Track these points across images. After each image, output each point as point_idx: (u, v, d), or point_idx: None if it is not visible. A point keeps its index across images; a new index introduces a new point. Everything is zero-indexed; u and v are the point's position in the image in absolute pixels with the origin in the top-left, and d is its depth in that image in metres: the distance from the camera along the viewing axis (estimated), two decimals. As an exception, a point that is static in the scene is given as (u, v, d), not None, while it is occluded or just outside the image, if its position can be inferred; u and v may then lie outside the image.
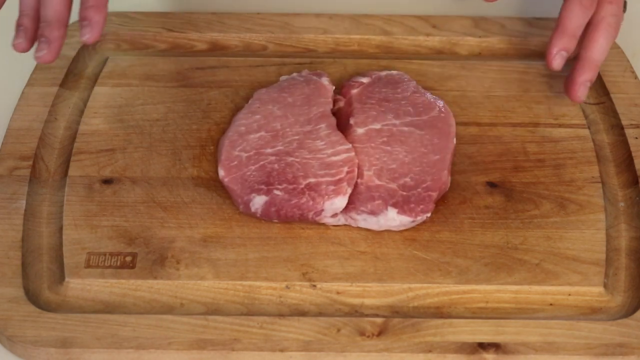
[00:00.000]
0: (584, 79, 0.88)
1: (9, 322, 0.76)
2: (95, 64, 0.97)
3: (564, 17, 0.87)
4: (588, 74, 0.88)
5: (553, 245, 0.81)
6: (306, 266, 0.80)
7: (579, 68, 0.88)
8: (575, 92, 0.88)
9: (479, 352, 0.75)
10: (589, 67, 0.88)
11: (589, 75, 0.88)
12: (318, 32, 1.00)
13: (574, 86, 0.88)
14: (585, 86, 0.88)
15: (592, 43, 0.87)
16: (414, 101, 0.88)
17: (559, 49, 0.87)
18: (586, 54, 0.87)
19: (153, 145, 0.89)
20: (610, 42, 0.88)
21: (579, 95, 0.88)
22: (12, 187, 0.85)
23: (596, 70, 0.88)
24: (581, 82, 0.88)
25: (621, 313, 0.78)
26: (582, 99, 0.88)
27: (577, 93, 0.88)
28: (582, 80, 0.88)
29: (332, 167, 0.82)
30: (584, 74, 0.88)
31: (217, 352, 0.75)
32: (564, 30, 0.87)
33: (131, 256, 0.80)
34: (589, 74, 0.88)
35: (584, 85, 0.88)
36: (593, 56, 0.87)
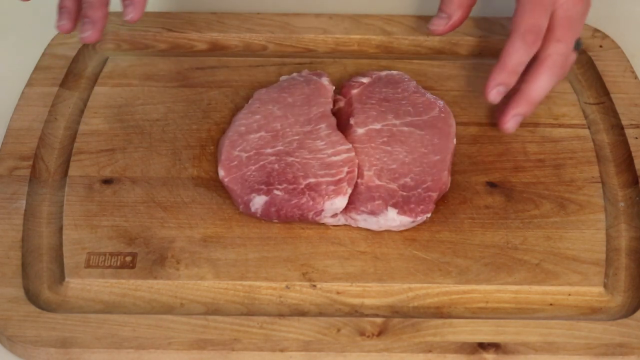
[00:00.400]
0: (517, 112, 0.86)
1: (9, 322, 0.76)
2: (95, 64, 0.97)
3: (505, 53, 0.84)
4: (522, 108, 0.86)
5: (553, 245, 0.81)
6: (306, 266, 0.80)
7: (514, 100, 0.86)
8: (504, 123, 0.86)
9: (479, 352, 0.75)
10: (525, 102, 0.86)
11: (522, 109, 0.86)
12: (318, 32, 1.00)
13: (505, 117, 0.86)
14: (516, 120, 0.86)
15: (533, 79, 0.85)
16: (414, 101, 0.88)
17: (497, 83, 0.84)
18: (525, 89, 0.85)
19: (153, 145, 0.89)
20: (553, 80, 0.85)
21: (507, 127, 0.86)
22: (12, 187, 0.85)
23: (532, 106, 0.86)
24: (513, 114, 0.86)
25: (621, 313, 0.78)
26: (510, 131, 0.87)
27: (507, 125, 0.86)
28: (514, 113, 0.86)
29: (332, 167, 0.82)
30: (518, 108, 0.86)
31: (217, 352, 0.75)
32: (504, 65, 0.84)
33: (131, 256, 0.80)
34: (523, 109, 0.86)
35: (515, 118, 0.86)
36: (531, 92, 0.85)
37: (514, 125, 0.86)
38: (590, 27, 1.00)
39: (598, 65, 0.96)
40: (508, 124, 0.86)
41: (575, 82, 0.95)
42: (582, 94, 0.94)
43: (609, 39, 0.99)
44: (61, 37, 0.98)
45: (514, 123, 0.86)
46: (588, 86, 0.95)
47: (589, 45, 0.98)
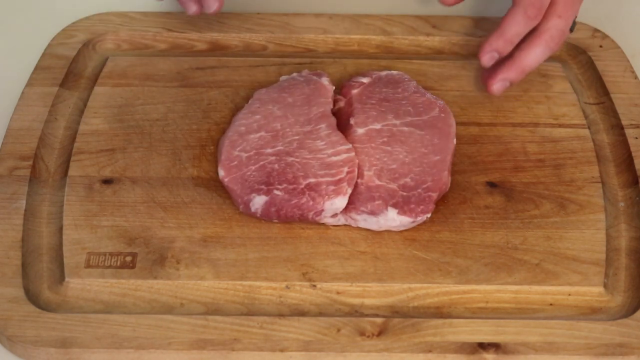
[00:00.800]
0: (505, 76, 0.88)
1: (9, 322, 0.76)
2: (95, 64, 0.97)
3: (505, 22, 0.86)
4: (512, 73, 0.87)
5: (553, 245, 0.81)
6: (306, 266, 0.80)
7: (506, 66, 0.88)
8: (491, 84, 0.88)
9: (479, 352, 0.75)
10: (516, 68, 0.87)
11: (512, 75, 0.87)
12: (318, 32, 1.00)
13: (493, 79, 0.88)
14: (503, 83, 0.88)
15: (529, 48, 0.87)
16: (414, 101, 0.88)
17: (492, 49, 0.86)
18: (518, 56, 0.87)
19: (153, 145, 0.89)
20: (546, 54, 0.87)
21: (493, 89, 0.88)
22: (12, 187, 0.85)
23: (522, 74, 0.87)
24: (502, 78, 0.88)
25: (621, 313, 0.78)
26: (497, 93, 0.89)
27: (493, 87, 0.88)
28: (503, 77, 0.88)
29: (332, 167, 0.82)
30: (508, 73, 0.87)
31: (217, 352, 0.75)
32: (502, 33, 0.86)
33: (131, 256, 0.80)
34: (513, 74, 0.87)
35: (503, 82, 0.88)
36: (523, 61, 0.87)
37: (500, 89, 0.88)
38: (590, 27, 1.00)
39: (598, 65, 0.96)
40: (495, 85, 0.88)
41: (575, 82, 0.96)
42: (582, 94, 0.94)
43: (609, 39, 0.99)
44: (61, 37, 0.98)
45: (500, 86, 0.88)
46: (588, 86, 0.95)
47: (589, 45, 0.98)
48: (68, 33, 0.99)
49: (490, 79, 0.88)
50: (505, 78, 0.88)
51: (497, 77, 0.88)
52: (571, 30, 0.88)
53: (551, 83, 0.95)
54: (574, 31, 0.89)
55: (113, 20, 1.00)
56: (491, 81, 0.88)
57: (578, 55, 0.98)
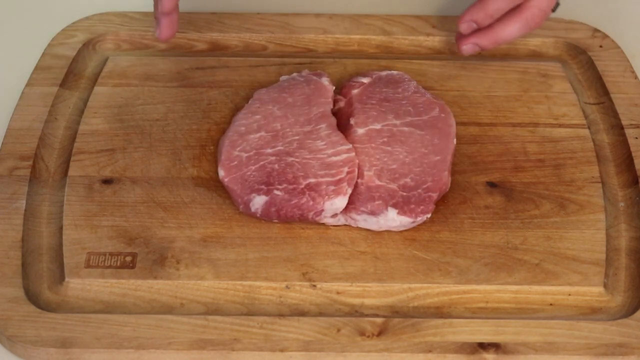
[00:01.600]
0: (478, 41, 0.90)
1: (9, 322, 0.76)
2: (95, 64, 0.97)
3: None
4: (485, 41, 0.90)
5: (553, 245, 0.81)
6: (306, 266, 0.80)
7: (482, 32, 0.90)
8: (462, 44, 0.91)
9: (479, 352, 0.75)
10: (489, 37, 0.89)
11: (485, 42, 0.90)
12: (318, 32, 1.00)
13: (466, 40, 0.90)
14: (473, 47, 0.91)
15: (507, 22, 0.88)
16: (415, 101, 0.88)
17: (472, 19, 0.89)
18: (496, 27, 0.89)
19: (153, 145, 0.89)
20: (523, 31, 0.89)
21: (463, 49, 0.91)
22: (12, 187, 0.85)
23: (494, 44, 0.90)
24: (474, 42, 0.90)
25: (621, 313, 0.78)
26: (465, 54, 0.91)
27: (463, 47, 0.91)
28: (475, 41, 0.90)
29: (333, 167, 0.82)
30: (482, 39, 0.90)
31: (217, 352, 0.75)
32: (483, 6, 0.88)
33: (131, 256, 0.80)
34: (486, 42, 0.90)
35: (474, 46, 0.90)
36: (500, 32, 0.89)
37: (470, 50, 0.91)
38: (590, 27, 1.00)
39: (598, 65, 0.96)
40: (465, 46, 0.91)
41: (575, 82, 0.96)
42: (582, 94, 0.94)
43: (609, 39, 0.99)
44: (61, 37, 0.98)
45: (470, 48, 0.91)
46: (588, 86, 0.95)
47: (589, 45, 0.98)
48: (68, 33, 0.99)
49: (463, 40, 0.91)
50: (477, 43, 0.90)
51: (470, 39, 0.90)
52: (553, 10, 0.89)
53: (551, 83, 0.95)
54: (555, 11, 0.90)
55: (113, 20, 1.00)
56: (463, 42, 0.91)
57: (578, 55, 0.98)
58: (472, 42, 0.90)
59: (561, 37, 0.99)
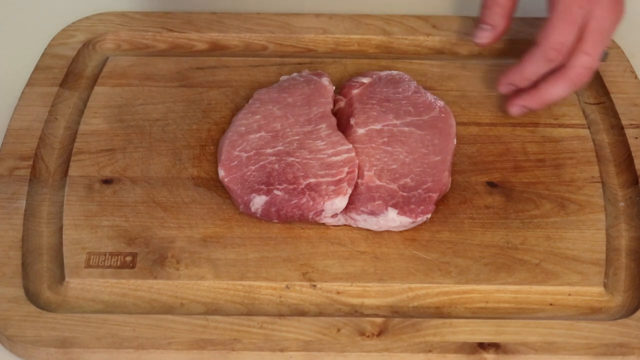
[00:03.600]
0: (525, 104, 0.90)
1: (9, 322, 0.76)
2: (95, 64, 0.97)
3: (526, 60, 0.87)
4: (532, 103, 0.89)
5: (553, 245, 0.81)
6: (306, 266, 0.80)
7: (528, 94, 0.89)
8: (511, 106, 0.90)
9: (479, 352, 0.75)
10: (537, 99, 0.89)
11: (531, 104, 0.89)
12: (318, 32, 1.00)
13: (514, 102, 0.90)
14: (522, 109, 0.90)
15: (553, 83, 0.87)
16: (415, 101, 0.88)
17: (510, 82, 0.89)
18: (542, 88, 0.88)
19: (153, 145, 0.89)
20: (570, 90, 0.88)
21: (512, 110, 0.90)
22: (12, 187, 0.85)
23: (542, 105, 0.89)
24: (521, 104, 0.90)
25: (621, 313, 0.78)
26: (514, 114, 0.90)
27: (512, 109, 0.90)
28: (522, 104, 0.90)
29: (333, 168, 0.82)
30: (529, 101, 0.89)
31: (217, 352, 0.75)
32: (521, 71, 0.88)
33: (131, 256, 0.80)
34: (532, 104, 0.89)
35: (522, 108, 0.90)
36: (545, 94, 0.88)
37: (518, 112, 0.90)
38: (590, 27, 1.00)
39: (598, 65, 0.96)
40: (514, 108, 0.90)
41: (575, 82, 0.95)
42: (582, 94, 0.94)
43: (609, 39, 0.99)
44: (61, 37, 0.98)
45: (518, 110, 0.90)
46: (588, 86, 0.95)
47: (589, 45, 0.98)
48: (68, 33, 0.99)
49: (511, 102, 0.90)
50: (525, 105, 0.90)
51: (517, 102, 0.90)
52: (603, 60, 0.88)
53: (551, 83, 0.95)
54: (606, 60, 0.89)
55: (113, 20, 1.00)
56: (511, 104, 0.90)
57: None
58: (520, 105, 0.90)
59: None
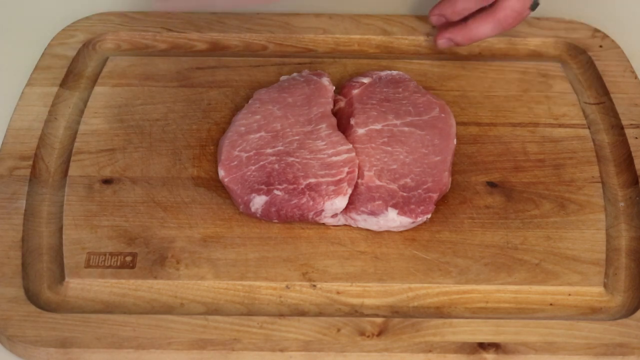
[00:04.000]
0: (452, 37, 0.93)
1: (9, 322, 0.76)
2: (95, 64, 0.97)
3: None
4: (458, 37, 0.93)
5: (553, 245, 0.81)
6: (306, 266, 0.80)
7: (456, 28, 0.93)
8: (438, 39, 0.95)
9: (479, 352, 0.75)
10: (463, 34, 0.93)
11: (458, 38, 0.93)
12: (318, 32, 1.00)
13: (442, 35, 0.94)
14: (448, 42, 0.94)
15: (481, 21, 0.91)
16: (415, 101, 0.88)
17: (440, 13, 0.93)
18: (470, 25, 0.92)
19: (153, 145, 0.89)
20: (497, 31, 0.91)
21: (438, 43, 0.95)
22: (12, 187, 0.85)
23: (468, 41, 0.93)
24: (449, 37, 0.94)
25: (621, 313, 0.78)
26: (440, 47, 0.95)
27: (439, 41, 0.95)
28: (450, 37, 0.94)
29: (333, 168, 0.82)
30: (456, 35, 0.93)
31: (217, 352, 0.75)
32: (453, 5, 0.92)
33: (131, 256, 0.80)
34: (459, 38, 0.93)
35: (448, 41, 0.94)
36: (473, 30, 0.92)
37: (445, 44, 0.95)
38: (590, 27, 1.00)
39: (598, 65, 0.96)
40: (441, 40, 0.95)
41: (575, 82, 0.96)
42: (582, 94, 0.94)
43: (609, 39, 0.99)
44: (61, 37, 0.98)
45: (445, 43, 0.95)
46: (588, 86, 0.95)
47: (589, 45, 0.98)
48: (68, 33, 0.99)
49: (439, 34, 0.94)
50: (451, 39, 0.94)
51: (445, 35, 0.94)
52: (532, 9, 0.91)
53: (551, 83, 0.95)
54: (535, 10, 0.92)
55: (113, 20, 1.00)
56: (439, 36, 0.94)
57: (578, 55, 0.98)
58: (447, 37, 0.94)
59: (561, 37, 0.99)
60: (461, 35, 0.93)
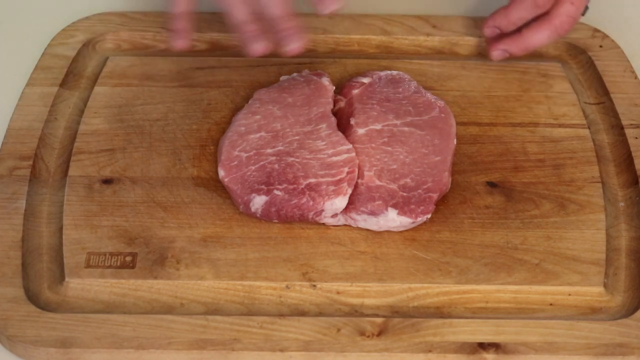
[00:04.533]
0: (507, 48, 0.92)
1: (9, 322, 0.76)
2: (95, 64, 0.97)
3: (513, 4, 0.90)
4: (514, 48, 0.92)
5: (553, 245, 0.81)
6: (306, 266, 0.80)
7: (511, 38, 0.92)
8: (491, 51, 0.94)
9: (479, 352, 0.75)
10: (519, 44, 0.91)
11: (514, 49, 0.92)
12: (318, 32, 1.00)
13: (496, 46, 0.93)
14: (503, 53, 0.93)
15: (537, 29, 0.90)
16: (415, 101, 0.88)
17: (495, 25, 0.92)
18: (525, 34, 0.91)
19: (153, 145, 0.89)
20: (553, 38, 0.91)
21: (493, 55, 0.94)
22: (12, 187, 0.85)
23: (524, 50, 0.92)
24: (503, 48, 0.93)
25: (621, 313, 0.78)
26: (495, 60, 0.94)
27: (494, 53, 0.94)
28: (505, 48, 0.93)
29: (333, 168, 0.82)
30: (511, 46, 0.92)
31: (217, 352, 0.75)
32: (507, 14, 0.91)
33: (131, 256, 0.80)
34: (515, 49, 0.92)
35: (503, 52, 0.93)
36: (529, 39, 0.91)
37: (500, 56, 0.94)
38: (590, 27, 1.00)
39: (598, 65, 0.96)
40: (495, 52, 0.94)
41: (575, 82, 0.96)
42: (582, 94, 0.94)
43: (609, 39, 0.99)
44: (61, 37, 0.98)
45: (500, 54, 0.94)
46: (588, 86, 0.95)
47: (589, 45, 0.98)
48: (68, 33, 0.99)
49: (493, 46, 0.93)
50: (506, 49, 0.93)
51: (499, 46, 0.93)
52: (583, 14, 0.91)
53: (551, 83, 0.95)
54: (585, 15, 0.92)
55: (113, 20, 1.00)
56: (493, 47, 0.93)
57: (578, 55, 0.98)
58: (502, 49, 0.93)
59: (561, 37, 0.99)
60: (516, 45, 0.92)
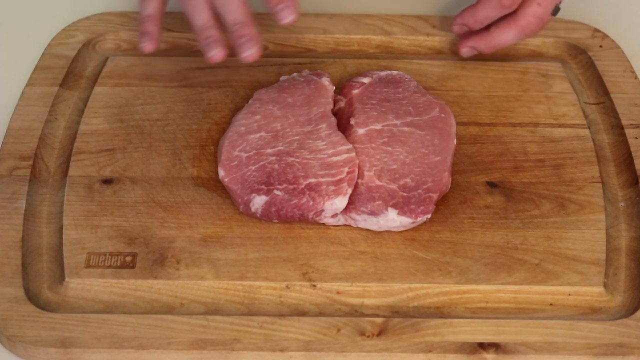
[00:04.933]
0: (475, 45, 0.94)
1: (9, 322, 0.76)
2: (95, 64, 0.97)
3: (480, 5, 0.91)
4: (481, 45, 0.93)
5: (553, 245, 0.81)
6: (306, 266, 0.80)
7: (479, 36, 0.93)
8: (460, 48, 0.95)
9: (479, 352, 0.75)
10: (486, 42, 0.93)
11: (482, 46, 0.94)
12: (318, 32, 1.00)
13: (464, 43, 0.95)
14: (471, 50, 0.95)
15: (504, 28, 0.92)
16: (415, 101, 0.88)
17: (463, 23, 0.93)
18: (493, 32, 0.92)
19: (153, 145, 0.89)
20: (520, 37, 0.92)
21: (462, 52, 0.95)
22: (12, 187, 0.85)
23: (491, 49, 0.93)
24: (472, 45, 0.94)
25: (621, 313, 0.78)
26: (464, 56, 0.95)
27: (462, 50, 0.95)
28: (473, 45, 0.94)
29: (333, 168, 0.82)
30: (479, 43, 0.94)
31: (217, 352, 0.75)
32: (474, 13, 0.92)
33: (131, 256, 0.80)
34: (482, 46, 0.93)
35: (471, 49, 0.95)
36: (496, 38, 0.92)
37: (468, 53, 0.95)
38: (590, 27, 1.00)
39: (598, 65, 0.96)
40: (464, 49, 0.95)
41: (575, 82, 0.96)
42: (582, 94, 0.94)
43: (609, 39, 0.99)
44: (61, 37, 0.98)
45: (468, 51, 0.95)
46: (588, 86, 0.95)
47: (589, 45, 0.98)
48: (68, 33, 0.99)
49: (462, 43, 0.95)
50: (474, 47, 0.94)
51: (468, 43, 0.94)
52: (554, 14, 0.91)
53: (551, 83, 0.95)
54: (557, 14, 0.92)
55: (113, 20, 1.00)
56: (462, 44, 0.95)
57: (578, 55, 0.98)
58: (470, 46, 0.94)
59: (561, 37, 0.99)
60: (484, 43, 0.93)
